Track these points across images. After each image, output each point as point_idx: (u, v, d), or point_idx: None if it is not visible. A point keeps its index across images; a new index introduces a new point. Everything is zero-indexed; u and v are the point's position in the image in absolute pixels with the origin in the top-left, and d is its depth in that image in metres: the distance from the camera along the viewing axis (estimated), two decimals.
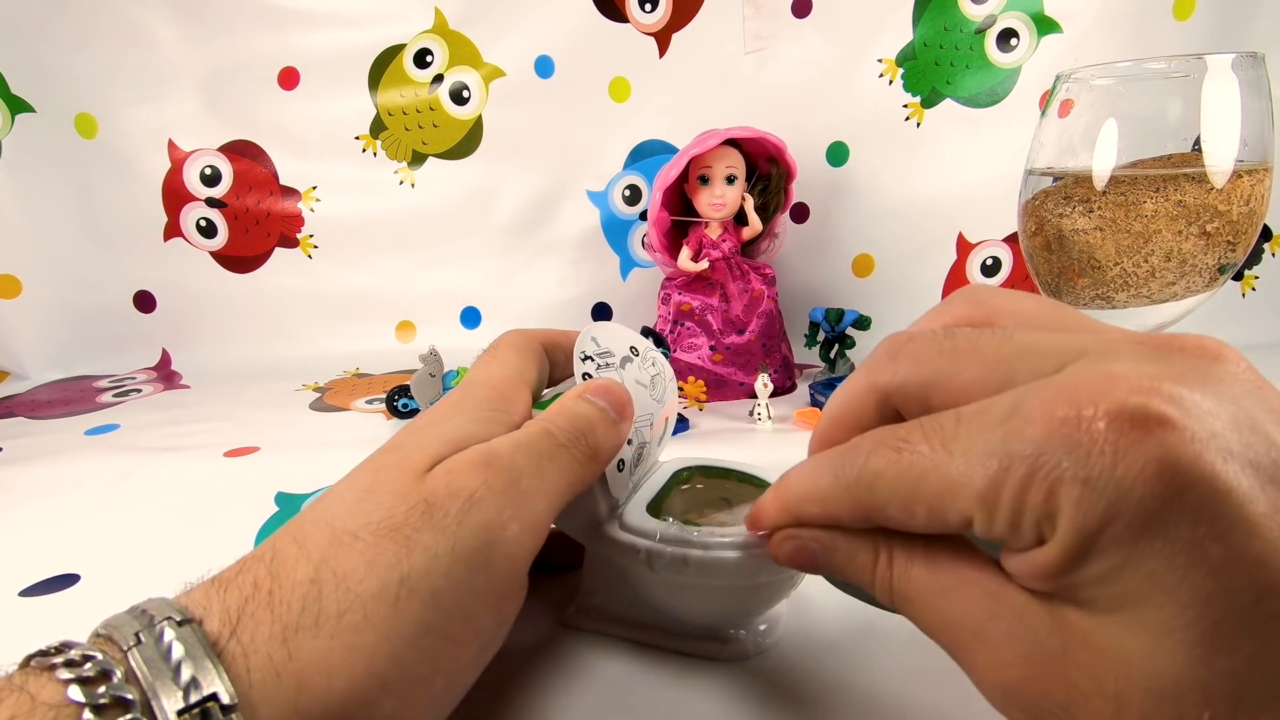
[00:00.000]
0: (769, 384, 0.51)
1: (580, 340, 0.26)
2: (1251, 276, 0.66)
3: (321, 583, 0.17)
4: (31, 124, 0.66)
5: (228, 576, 0.18)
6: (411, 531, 0.18)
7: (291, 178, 0.71)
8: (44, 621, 0.31)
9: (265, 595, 0.17)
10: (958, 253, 0.68)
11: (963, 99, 0.64)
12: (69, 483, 0.45)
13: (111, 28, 0.65)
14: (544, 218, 0.71)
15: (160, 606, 0.17)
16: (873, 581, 0.18)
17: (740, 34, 0.65)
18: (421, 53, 0.68)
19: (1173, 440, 0.13)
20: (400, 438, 0.21)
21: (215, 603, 0.17)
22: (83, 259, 0.70)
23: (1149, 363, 0.15)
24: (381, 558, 0.18)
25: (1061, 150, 0.37)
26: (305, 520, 0.19)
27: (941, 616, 0.17)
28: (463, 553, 0.18)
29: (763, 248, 0.59)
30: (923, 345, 0.18)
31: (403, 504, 0.18)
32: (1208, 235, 0.34)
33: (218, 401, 0.61)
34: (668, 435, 0.30)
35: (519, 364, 0.25)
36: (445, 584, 0.18)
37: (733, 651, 0.26)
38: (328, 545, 0.18)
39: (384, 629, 0.17)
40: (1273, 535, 0.13)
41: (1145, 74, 0.34)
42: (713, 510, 0.27)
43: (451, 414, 0.22)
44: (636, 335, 0.28)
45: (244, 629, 0.16)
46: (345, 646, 0.17)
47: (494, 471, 0.20)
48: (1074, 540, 0.14)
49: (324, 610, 0.17)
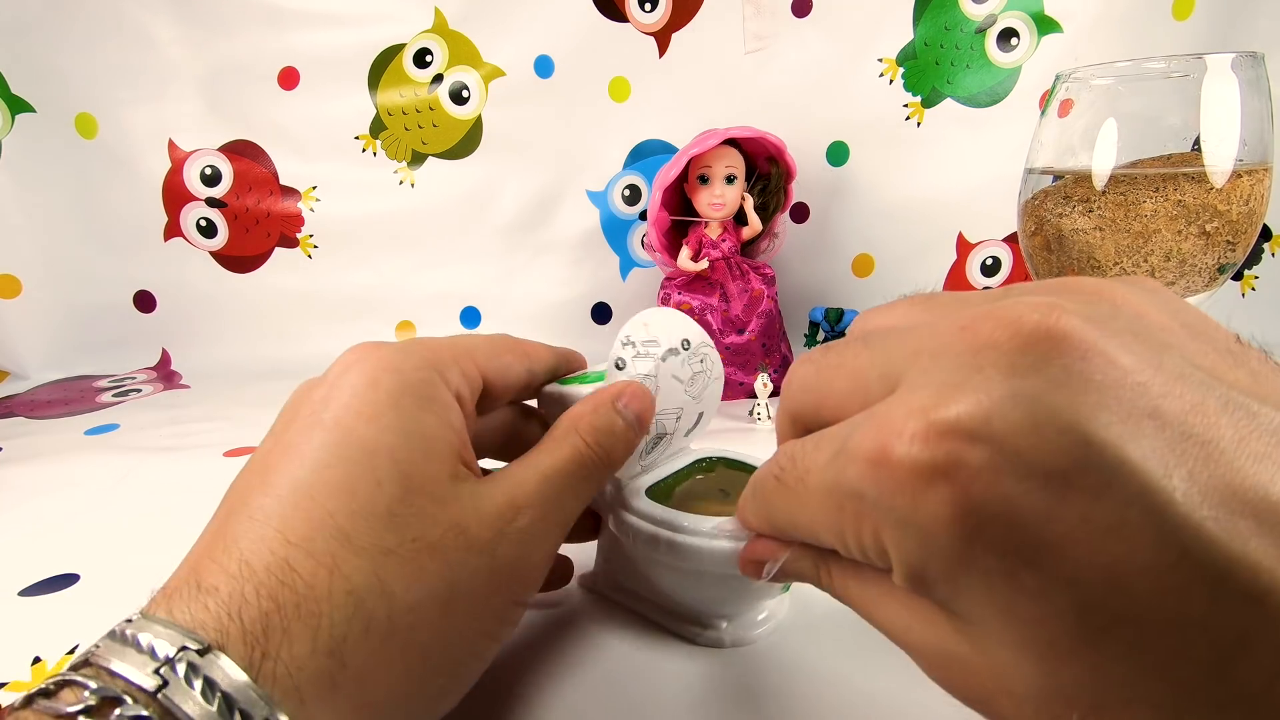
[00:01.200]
0: (769, 384, 0.51)
1: (630, 324, 0.26)
2: (1251, 276, 0.66)
3: (361, 593, 0.17)
4: (31, 124, 0.66)
5: (223, 591, 0.17)
6: (449, 550, 0.19)
7: (291, 178, 0.71)
8: (44, 621, 0.31)
9: (293, 610, 0.17)
10: (958, 253, 0.68)
11: (963, 99, 0.64)
12: (69, 483, 0.45)
13: (111, 28, 0.65)
14: (544, 218, 0.71)
15: (165, 634, 0.16)
16: (818, 585, 0.19)
17: (740, 34, 0.65)
18: (421, 53, 0.68)
19: (963, 481, 0.13)
20: (375, 436, 0.20)
21: (230, 625, 0.16)
22: (83, 259, 0.70)
23: (951, 384, 0.14)
24: (426, 569, 0.19)
25: (1061, 150, 0.37)
26: (294, 530, 0.18)
27: (875, 622, 0.18)
28: (501, 570, 0.20)
29: (762, 247, 0.59)
30: (804, 367, 0.19)
31: (435, 528, 0.19)
32: (1207, 235, 0.34)
33: (218, 401, 0.61)
34: (701, 429, 0.30)
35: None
36: (486, 591, 0.20)
37: (709, 638, 0.27)
38: (355, 558, 0.18)
39: (437, 628, 0.19)
40: (1078, 553, 0.12)
41: (1145, 74, 0.34)
42: (715, 500, 0.27)
43: (406, 409, 0.21)
44: (695, 329, 0.27)
45: (278, 646, 0.16)
46: (401, 644, 0.18)
47: (523, 509, 0.21)
48: (907, 573, 0.15)
49: (373, 617, 0.17)
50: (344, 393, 0.20)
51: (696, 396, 0.28)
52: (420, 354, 0.22)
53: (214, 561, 0.17)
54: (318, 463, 0.19)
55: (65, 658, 0.28)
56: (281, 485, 0.19)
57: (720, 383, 0.29)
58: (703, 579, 0.25)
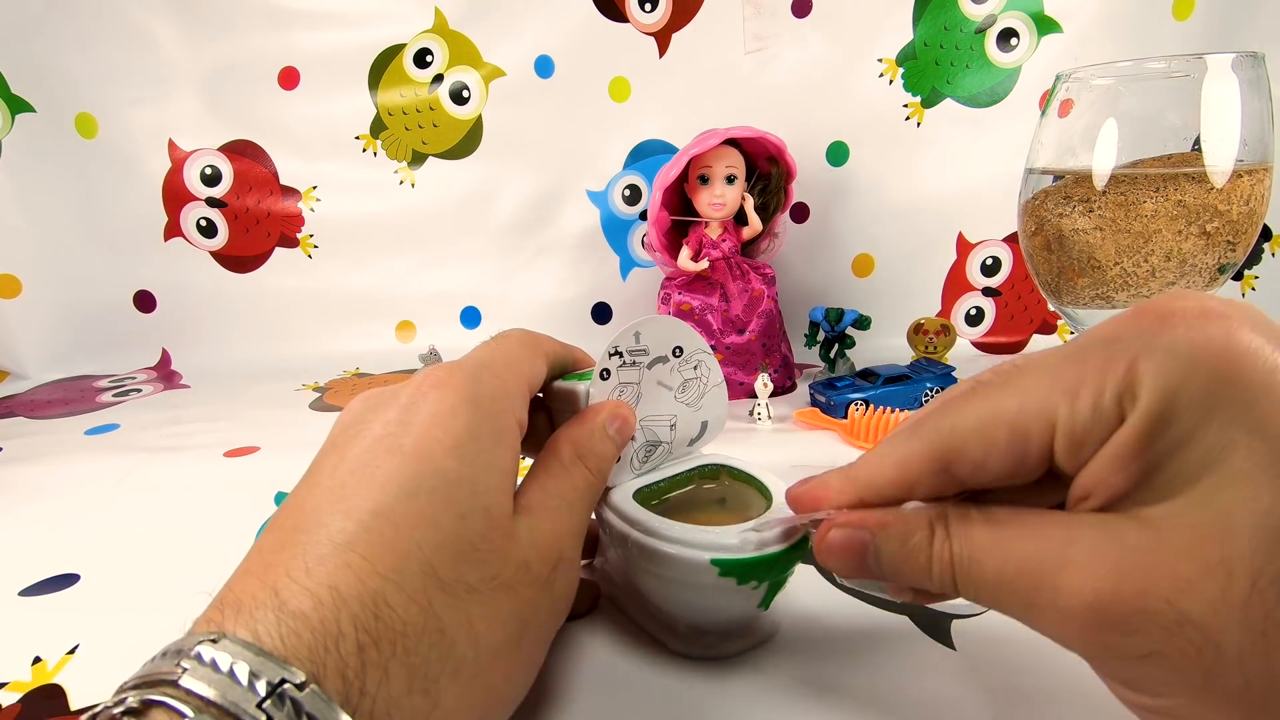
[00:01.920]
0: (769, 384, 0.51)
1: (621, 334, 0.26)
2: (1251, 276, 0.66)
3: (451, 632, 0.18)
4: (31, 124, 0.66)
5: (314, 620, 0.16)
6: (520, 588, 0.20)
7: (291, 178, 0.71)
8: (44, 621, 0.31)
9: (390, 647, 0.16)
10: (958, 252, 0.68)
11: (963, 99, 0.64)
12: (69, 483, 0.45)
13: (111, 27, 0.65)
14: (544, 218, 0.71)
15: (261, 665, 0.15)
16: (929, 561, 0.18)
17: (740, 34, 0.65)
18: (421, 53, 0.68)
19: (1236, 323, 0.15)
20: (456, 468, 0.20)
21: (328, 658, 0.15)
22: (83, 259, 0.70)
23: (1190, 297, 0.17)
24: (501, 609, 0.19)
25: (1061, 150, 0.37)
26: (383, 561, 0.17)
27: (1014, 563, 0.17)
28: (555, 602, 0.21)
29: (763, 247, 0.59)
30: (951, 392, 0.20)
31: (508, 565, 0.20)
32: (1207, 235, 0.34)
33: (218, 401, 0.61)
34: (709, 437, 0.30)
35: (528, 364, 0.25)
36: (547, 627, 0.21)
37: (679, 646, 0.27)
38: (443, 595, 0.18)
39: (512, 665, 0.20)
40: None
41: (1145, 74, 0.34)
42: (710, 510, 0.27)
43: (484, 443, 0.21)
44: (691, 337, 0.27)
45: (376, 683, 0.16)
46: (484, 687, 0.19)
47: (565, 540, 0.22)
48: (1156, 403, 0.15)
49: (461, 657, 0.18)
50: (423, 419, 0.20)
51: (693, 404, 0.28)
52: (494, 384, 0.22)
53: (294, 581, 0.16)
54: (402, 490, 0.18)
55: (65, 657, 0.28)
56: (363, 509, 0.18)
57: (722, 389, 0.29)
58: (667, 584, 0.25)
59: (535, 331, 0.27)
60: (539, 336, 0.26)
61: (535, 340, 0.26)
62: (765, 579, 0.24)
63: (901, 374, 0.52)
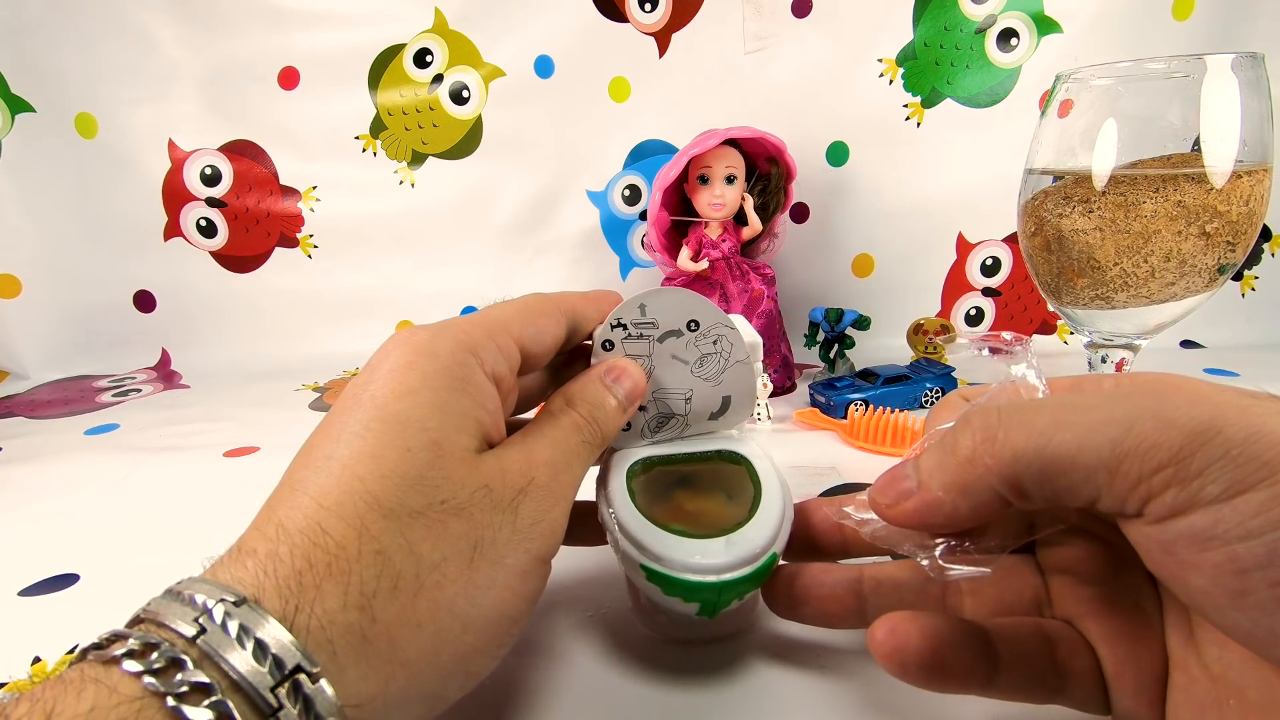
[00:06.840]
0: (769, 384, 0.51)
1: (624, 306, 0.26)
2: (1251, 277, 0.66)
3: (389, 552, 0.18)
4: (31, 124, 0.66)
5: (260, 553, 0.18)
6: (476, 511, 0.20)
7: (291, 178, 0.71)
8: (44, 621, 0.31)
9: (325, 568, 0.18)
10: (958, 253, 0.68)
11: (963, 99, 0.64)
12: (69, 483, 0.45)
13: (111, 28, 0.65)
14: (544, 218, 0.71)
15: (205, 589, 0.17)
16: None
17: (740, 34, 0.65)
18: (421, 53, 0.68)
19: None
20: (405, 410, 0.21)
21: (266, 580, 0.17)
22: (83, 259, 0.70)
23: None
24: (450, 530, 0.19)
25: (1061, 150, 0.37)
26: (327, 496, 0.19)
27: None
28: (521, 528, 0.21)
29: (762, 248, 0.59)
30: None
31: (463, 490, 0.20)
32: (1207, 235, 0.34)
33: (218, 401, 0.61)
34: (736, 414, 0.29)
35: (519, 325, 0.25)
36: (508, 549, 0.21)
37: (654, 625, 0.27)
38: (383, 520, 0.19)
39: (461, 583, 0.19)
40: None
41: (1145, 74, 0.34)
42: (701, 496, 0.26)
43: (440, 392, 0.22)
44: (710, 310, 0.27)
45: (311, 601, 0.17)
46: (429, 601, 0.19)
47: (538, 468, 0.22)
48: None
49: (401, 574, 0.18)
50: (382, 374, 0.21)
51: (712, 379, 0.28)
52: (454, 336, 0.23)
53: (256, 530, 0.19)
54: (351, 434, 0.20)
55: (66, 657, 0.28)
56: (318, 457, 0.20)
57: (747, 366, 0.28)
58: (636, 572, 0.24)
59: (556, 292, 0.27)
60: (555, 297, 0.26)
61: (545, 302, 0.26)
62: (694, 599, 0.23)
63: (901, 374, 0.52)
